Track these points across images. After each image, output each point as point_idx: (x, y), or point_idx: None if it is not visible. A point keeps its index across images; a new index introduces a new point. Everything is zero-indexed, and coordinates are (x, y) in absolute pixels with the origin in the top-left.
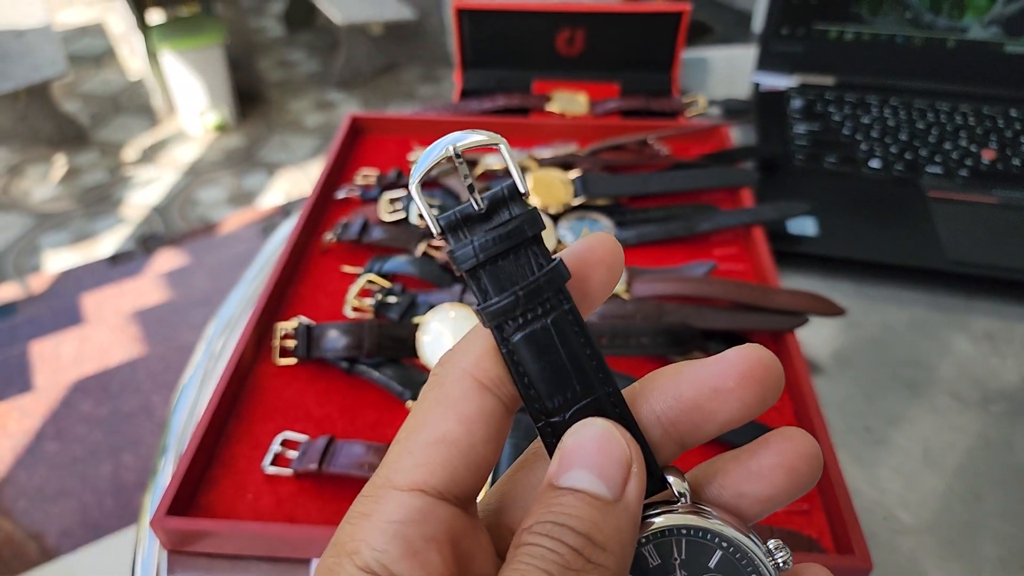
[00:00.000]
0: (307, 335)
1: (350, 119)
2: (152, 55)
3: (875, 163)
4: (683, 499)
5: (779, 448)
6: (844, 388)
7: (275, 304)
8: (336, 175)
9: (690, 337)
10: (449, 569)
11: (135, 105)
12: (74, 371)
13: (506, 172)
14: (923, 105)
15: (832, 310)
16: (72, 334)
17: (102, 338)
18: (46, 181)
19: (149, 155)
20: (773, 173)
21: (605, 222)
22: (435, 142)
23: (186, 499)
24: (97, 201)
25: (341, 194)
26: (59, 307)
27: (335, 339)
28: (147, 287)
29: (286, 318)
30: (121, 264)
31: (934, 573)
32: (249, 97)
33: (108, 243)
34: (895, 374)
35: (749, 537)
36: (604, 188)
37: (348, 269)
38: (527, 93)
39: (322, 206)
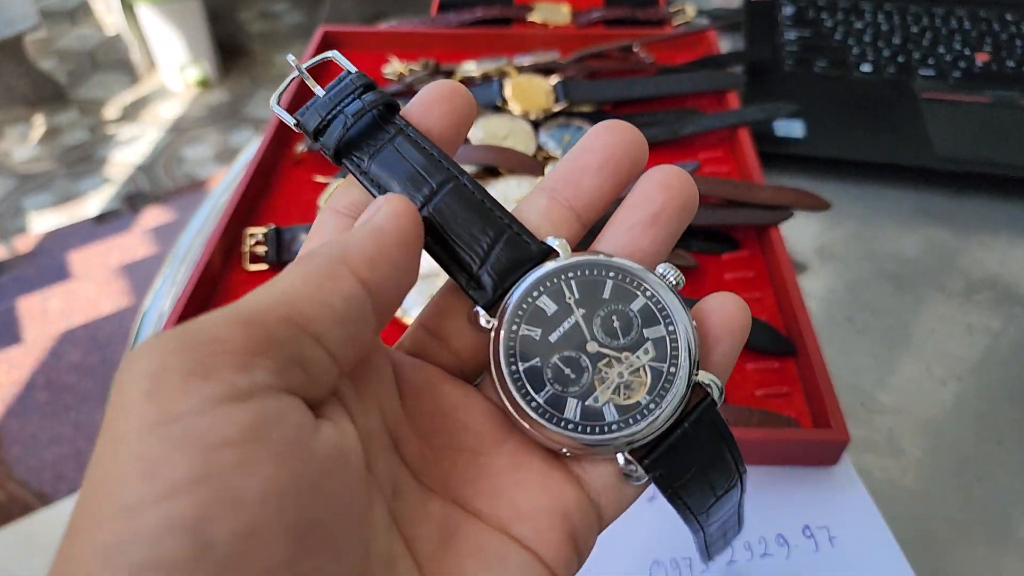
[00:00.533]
0: (277, 239)
1: (322, 33)
2: (128, 8)
3: (867, 67)
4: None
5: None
6: (827, 282)
7: (245, 212)
8: (308, 89)
9: None
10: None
11: (113, 61)
12: (62, 324)
13: (482, 77)
14: (918, 10)
15: (817, 204)
16: (59, 289)
17: (89, 292)
18: (26, 142)
19: (130, 112)
20: (761, 78)
21: (588, 129)
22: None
23: None
24: (79, 160)
25: None
26: (46, 265)
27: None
28: (134, 243)
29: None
30: (107, 223)
31: (911, 449)
32: (231, 51)
33: (93, 203)
34: (879, 268)
35: (633, 263)
36: (586, 94)
37: (320, 179)
38: (508, 4)
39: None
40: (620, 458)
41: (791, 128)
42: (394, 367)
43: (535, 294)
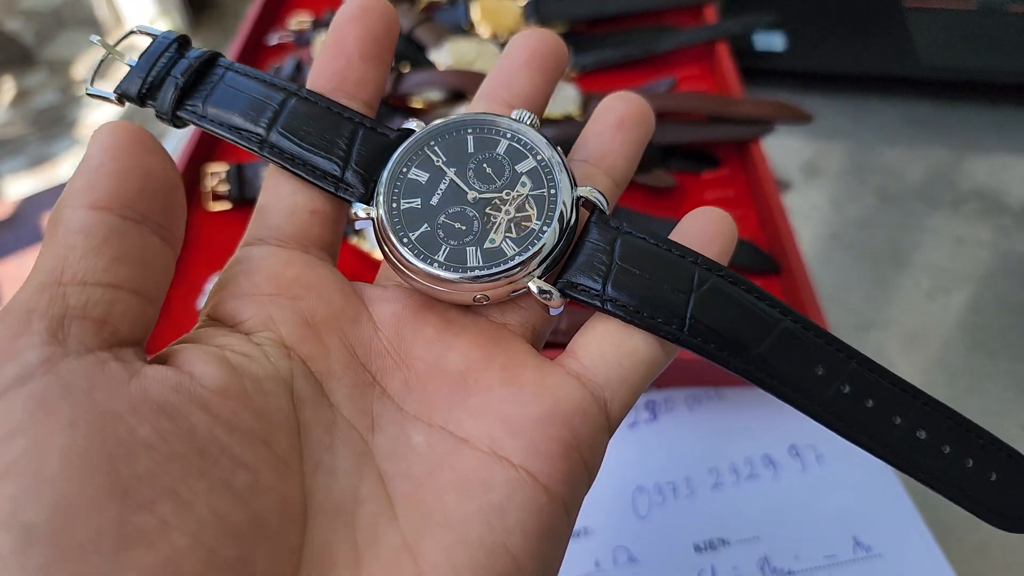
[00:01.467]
0: (238, 175)
1: None
2: None
3: None
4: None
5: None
6: (811, 198)
7: (204, 152)
8: (266, 22)
9: (649, 156)
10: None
11: (80, 18)
12: None
13: (448, 1)
14: None
15: (798, 116)
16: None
17: None
18: None
19: (101, 71)
20: None
21: None
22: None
23: None
24: (52, 123)
25: (273, 40)
26: (23, 231)
27: None
28: None
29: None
30: None
31: (899, 363)
32: (200, 3)
33: (68, 165)
34: (864, 182)
35: (488, 113)
36: (558, 11)
37: None
38: None
39: (252, 52)
40: (532, 286)
41: (771, 42)
42: (369, 302)
43: (403, 170)
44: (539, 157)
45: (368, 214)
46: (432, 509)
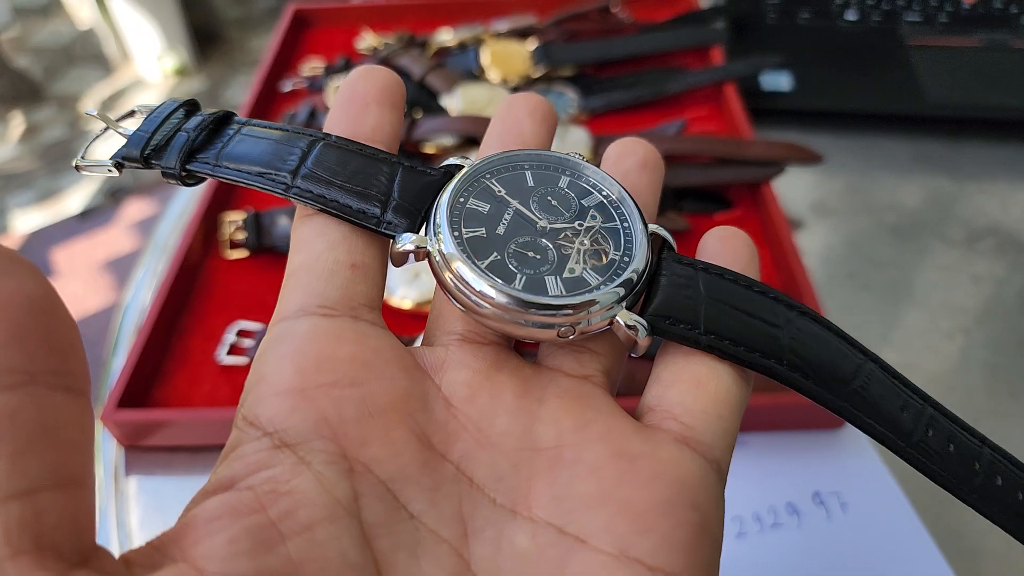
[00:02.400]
0: (256, 224)
1: (292, 12)
2: (99, 1)
3: (851, 15)
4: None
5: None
6: (825, 237)
7: (223, 197)
8: (280, 68)
9: (662, 199)
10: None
11: (89, 55)
12: None
13: (459, 46)
14: None
15: (809, 157)
16: None
17: (76, 289)
18: (5, 141)
19: (109, 105)
20: (744, 33)
21: (570, 93)
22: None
23: (139, 392)
24: (60, 157)
25: (287, 86)
26: None
27: (286, 226)
28: (119, 237)
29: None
30: (91, 219)
31: None
32: (207, 37)
33: (76, 199)
34: (878, 220)
35: (543, 151)
36: (567, 55)
37: None
38: None
39: (267, 99)
40: (620, 320)
41: (778, 82)
42: (433, 370)
43: (461, 200)
44: (604, 192)
45: (419, 246)
46: None
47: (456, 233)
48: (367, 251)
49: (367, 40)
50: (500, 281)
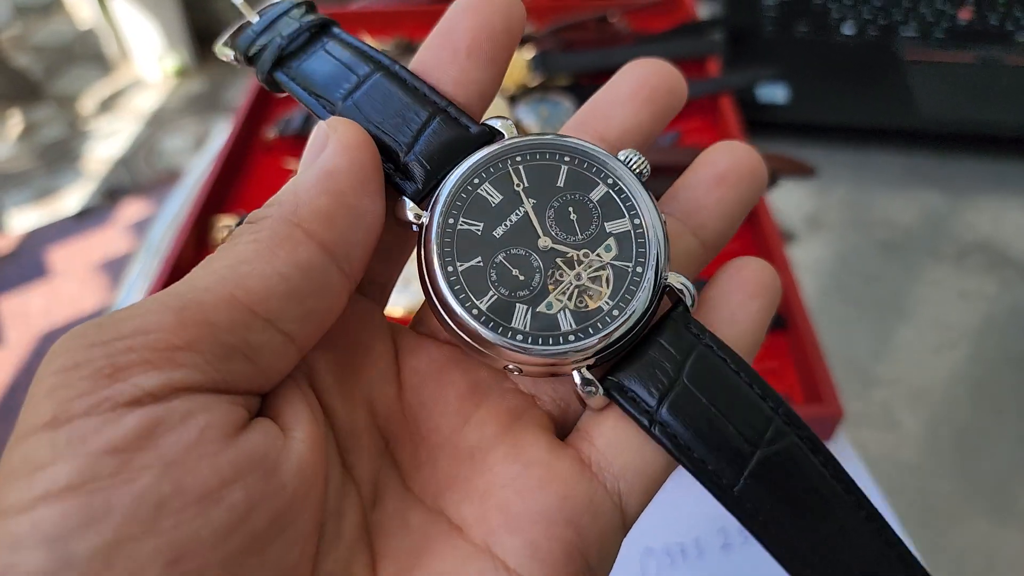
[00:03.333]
0: None
1: None
2: (101, 0)
3: (848, 29)
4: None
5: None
6: (817, 251)
7: (216, 201)
8: None
9: None
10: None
11: (89, 55)
12: (44, 323)
13: None
14: None
15: (802, 170)
16: (41, 288)
17: (72, 290)
18: (3, 139)
19: (108, 105)
20: (741, 45)
21: (566, 103)
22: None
23: None
24: (59, 157)
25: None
26: (27, 264)
27: None
28: (115, 238)
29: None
30: (88, 219)
31: (907, 421)
32: (208, 39)
33: (73, 199)
34: (869, 235)
35: (593, 145)
36: (563, 65)
37: (292, 164)
38: None
39: (263, 103)
40: (576, 376)
41: (774, 94)
42: (402, 353)
43: (475, 181)
44: (636, 220)
45: (419, 219)
46: None
47: (450, 220)
48: (390, 231)
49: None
50: (464, 296)
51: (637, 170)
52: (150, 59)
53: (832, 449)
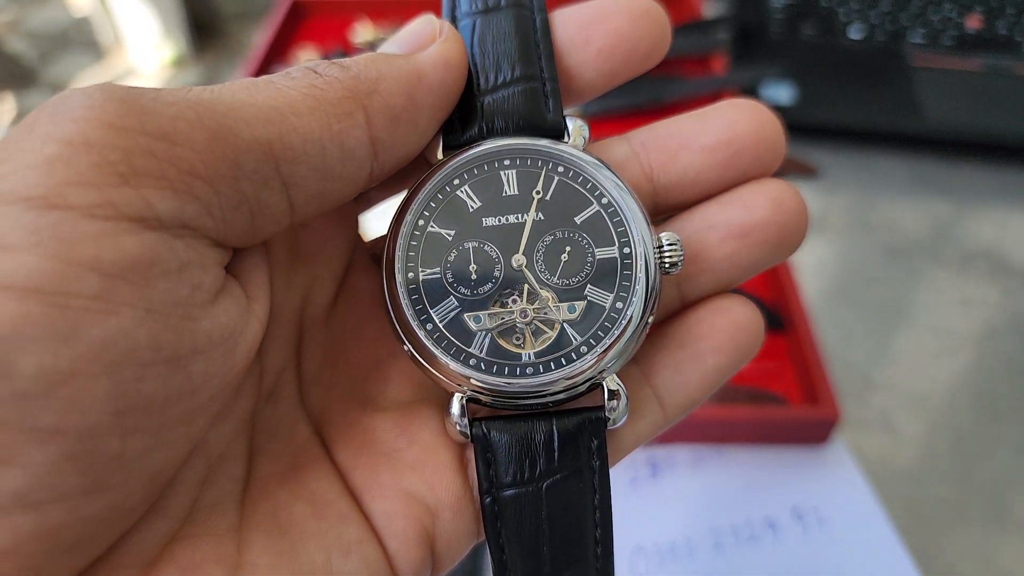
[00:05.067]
0: None
1: (290, 2)
2: None
3: (855, 33)
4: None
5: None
6: (819, 253)
7: None
8: (272, 58)
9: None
10: None
11: (85, 42)
12: None
13: None
14: None
15: (805, 169)
16: None
17: None
18: None
19: None
20: (748, 46)
21: None
22: None
23: None
24: None
25: None
26: None
27: None
28: None
29: None
30: None
31: (905, 427)
32: (205, 29)
33: None
34: (870, 238)
35: (635, 207)
36: None
37: None
38: None
39: None
40: (455, 403)
41: (779, 94)
42: (351, 264)
43: (506, 162)
44: (623, 293)
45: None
46: (281, 504)
47: (455, 181)
48: None
49: (363, 33)
50: (416, 256)
51: (668, 263)
52: (146, 48)
53: (827, 452)
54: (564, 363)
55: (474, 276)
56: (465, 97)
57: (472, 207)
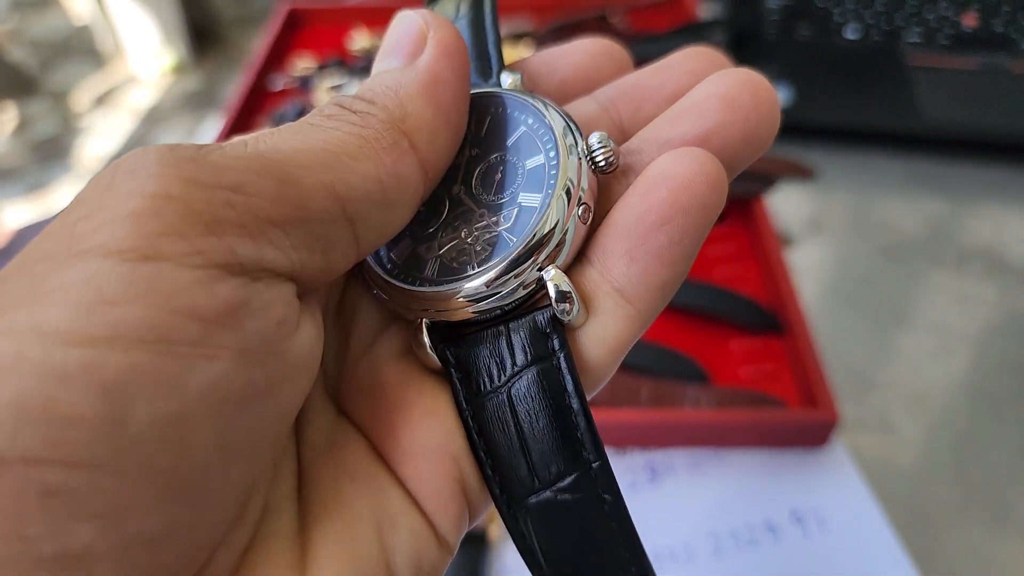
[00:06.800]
0: None
1: (286, 10)
2: None
3: (851, 33)
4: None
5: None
6: (815, 254)
7: None
8: (271, 66)
9: None
10: None
11: (86, 50)
12: None
13: None
14: None
15: (801, 171)
16: None
17: None
18: None
19: (104, 101)
20: (743, 47)
21: None
22: None
23: None
24: (52, 152)
25: (279, 85)
26: None
27: None
28: None
29: None
30: None
31: (904, 427)
32: (205, 36)
33: (67, 196)
34: (867, 238)
35: (563, 115)
36: None
37: None
38: None
39: (256, 98)
40: (420, 327)
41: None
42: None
43: None
44: (548, 193)
45: None
46: (328, 482)
47: None
48: None
49: (360, 41)
50: None
51: (601, 160)
52: (146, 55)
53: (826, 454)
54: (496, 266)
55: (423, 216)
56: None
57: None
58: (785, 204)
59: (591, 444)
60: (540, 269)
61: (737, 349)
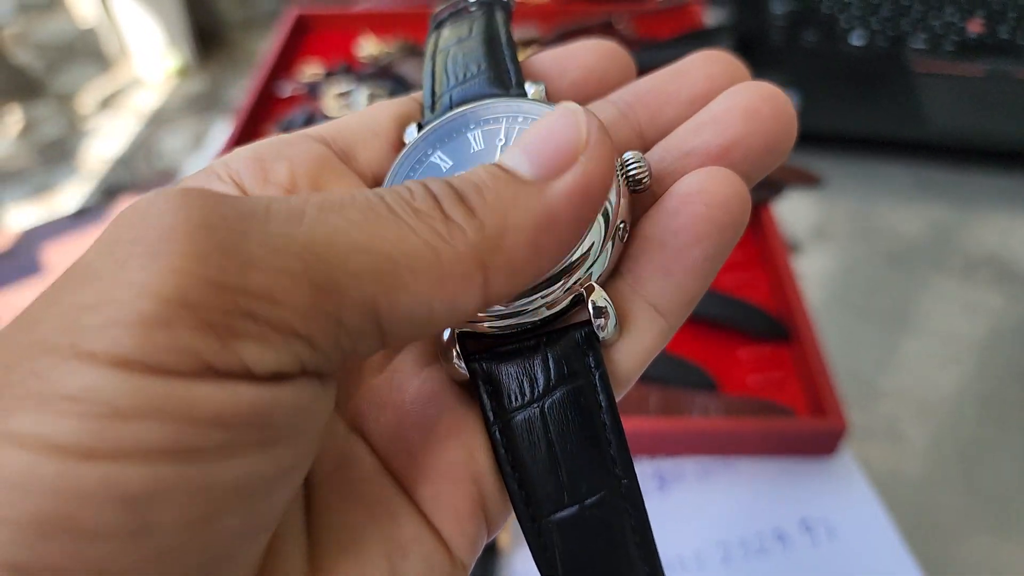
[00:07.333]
0: None
1: (294, 15)
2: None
3: (856, 40)
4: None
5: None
6: (823, 262)
7: None
8: (279, 72)
9: None
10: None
11: (91, 52)
12: None
13: None
14: None
15: (808, 179)
16: (37, 286)
17: None
18: (2, 136)
19: (109, 104)
20: (749, 54)
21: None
22: None
23: None
24: (58, 155)
25: (287, 91)
26: (23, 262)
27: None
28: None
29: None
30: (85, 217)
31: (912, 435)
32: (209, 38)
33: (72, 198)
34: (876, 246)
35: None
36: None
37: None
38: None
39: (264, 104)
40: (446, 336)
41: None
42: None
43: (471, 125)
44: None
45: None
46: (335, 510)
47: (428, 150)
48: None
49: (367, 47)
50: None
51: (636, 177)
52: (151, 58)
53: (835, 463)
54: (541, 285)
55: None
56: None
57: (445, 168)
58: (791, 211)
59: (622, 462)
60: (567, 290)
61: (745, 357)
